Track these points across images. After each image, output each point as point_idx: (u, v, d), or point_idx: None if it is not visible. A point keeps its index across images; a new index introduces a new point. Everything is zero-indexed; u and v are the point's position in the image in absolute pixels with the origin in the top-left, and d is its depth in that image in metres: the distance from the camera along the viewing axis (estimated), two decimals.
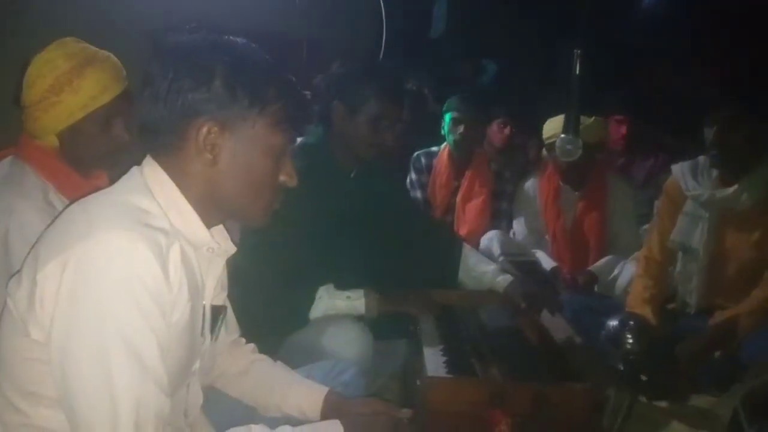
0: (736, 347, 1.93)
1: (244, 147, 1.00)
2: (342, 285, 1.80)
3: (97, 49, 1.49)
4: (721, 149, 2.01)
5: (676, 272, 2.23)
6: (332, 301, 1.76)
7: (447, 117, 3.03)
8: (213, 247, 1.04)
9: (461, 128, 2.96)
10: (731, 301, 2.06)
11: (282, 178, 1.06)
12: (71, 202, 1.05)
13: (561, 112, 2.78)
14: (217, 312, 1.12)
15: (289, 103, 1.03)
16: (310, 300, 1.76)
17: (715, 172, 2.10)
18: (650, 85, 5.08)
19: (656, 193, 2.73)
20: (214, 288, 1.09)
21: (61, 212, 1.00)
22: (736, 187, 2.03)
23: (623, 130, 3.71)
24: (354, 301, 1.77)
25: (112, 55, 1.51)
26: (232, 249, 1.10)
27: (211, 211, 1.03)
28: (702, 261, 2.13)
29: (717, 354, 1.97)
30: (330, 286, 1.79)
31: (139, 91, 1.00)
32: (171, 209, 0.98)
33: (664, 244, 2.22)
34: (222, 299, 1.17)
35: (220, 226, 1.10)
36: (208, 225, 1.03)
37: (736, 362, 1.88)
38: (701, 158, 2.16)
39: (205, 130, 0.97)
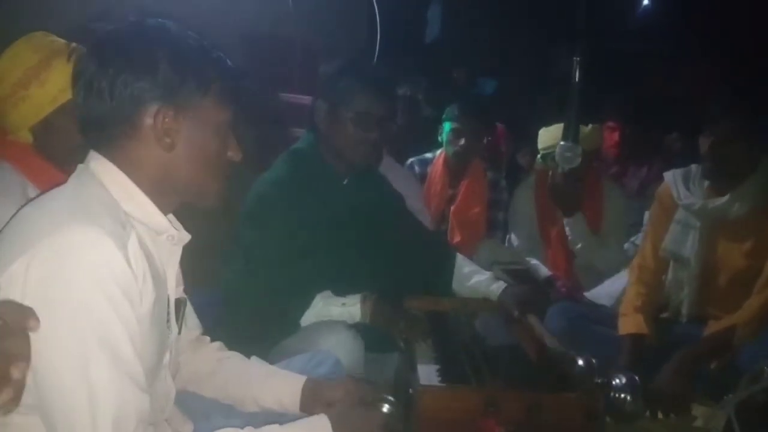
0: (730, 357, 1.91)
1: (197, 128, 1.02)
2: (336, 292, 1.78)
3: (65, 41, 1.47)
4: (716, 162, 1.98)
5: (667, 280, 2.21)
6: (327, 308, 1.73)
7: (447, 126, 2.94)
8: (173, 234, 1.04)
9: (462, 140, 2.87)
10: (723, 310, 2.04)
11: (229, 153, 1.08)
12: None
13: (556, 120, 2.78)
14: (178, 305, 1.11)
15: (228, 79, 1.05)
16: (303, 307, 1.73)
17: (706, 182, 2.09)
18: (647, 92, 5.11)
19: (648, 203, 2.72)
20: (174, 279, 1.08)
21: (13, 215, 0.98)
22: (728, 196, 2.01)
23: (616, 136, 3.73)
24: (350, 307, 1.74)
25: (81, 48, 1.48)
26: (186, 237, 1.10)
27: (164, 197, 1.03)
28: (693, 270, 2.11)
29: (713, 365, 1.95)
30: (327, 293, 1.76)
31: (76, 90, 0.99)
32: (125, 199, 0.98)
33: (657, 252, 2.20)
34: (180, 292, 1.16)
35: (171, 216, 1.09)
36: (163, 212, 1.03)
37: (730, 371, 1.87)
38: (693, 166, 2.13)
39: (160, 116, 0.98)
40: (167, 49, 0.98)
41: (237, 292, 1.76)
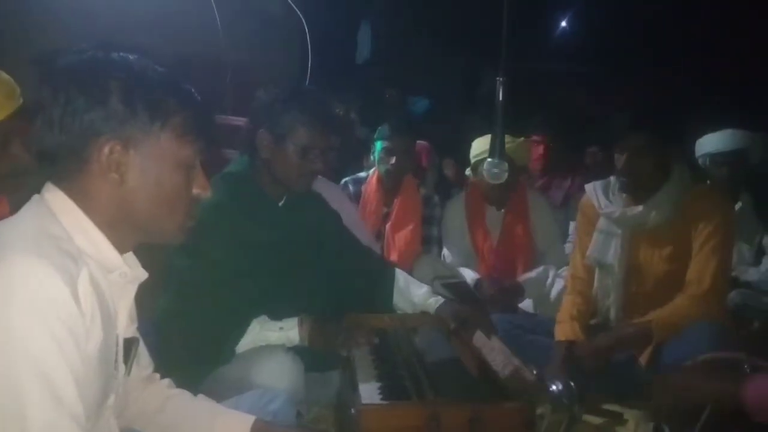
0: (655, 356, 2.00)
1: (151, 163, 0.98)
2: (274, 315, 1.75)
3: None
4: (629, 176, 2.08)
5: (594, 287, 2.28)
6: (264, 333, 1.71)
7: (378, 145, 2.99)
8: (125, 272, 1.00)
9: (393, 159, 2.94)
10: (649, 314, 2.13)
11: (195, 191, 1.05)
12: None
13: (482, 134, 2.87)
14: (129, 344, 1.07)
15: (192, 114, 1.02)
16: (239, 333, 1.70)
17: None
18: (568, 108, 5.36)
19: (572, 214, 2.83)
20: (126, 318, 1.05)
21: None
22: (642, 206, 2.09)
23: (540, 150, 3.89)
24: (287, 331, 1.72)
25: (2, 73, 1.44)
26: (143, 275, 1.07)
27: (123, 233, 1.00)
28: (618, 276, 2.18)
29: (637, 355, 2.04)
30: (263, 318, 1.74)
31: (33, 119, 0.96)
32: (78, 234, 0.94)
33: (585, 261, 2.28)
34: (132, 331, 1.12)
35: (130, 253, 1.06)
36: (121, 249, 1.00)
37: (657, 372, 1.95)
38: (612, 178, 2.22)
39: (107, 149, 0.94)
40: (121, 81, 0.94)
41: (171, 320, 1.71)
